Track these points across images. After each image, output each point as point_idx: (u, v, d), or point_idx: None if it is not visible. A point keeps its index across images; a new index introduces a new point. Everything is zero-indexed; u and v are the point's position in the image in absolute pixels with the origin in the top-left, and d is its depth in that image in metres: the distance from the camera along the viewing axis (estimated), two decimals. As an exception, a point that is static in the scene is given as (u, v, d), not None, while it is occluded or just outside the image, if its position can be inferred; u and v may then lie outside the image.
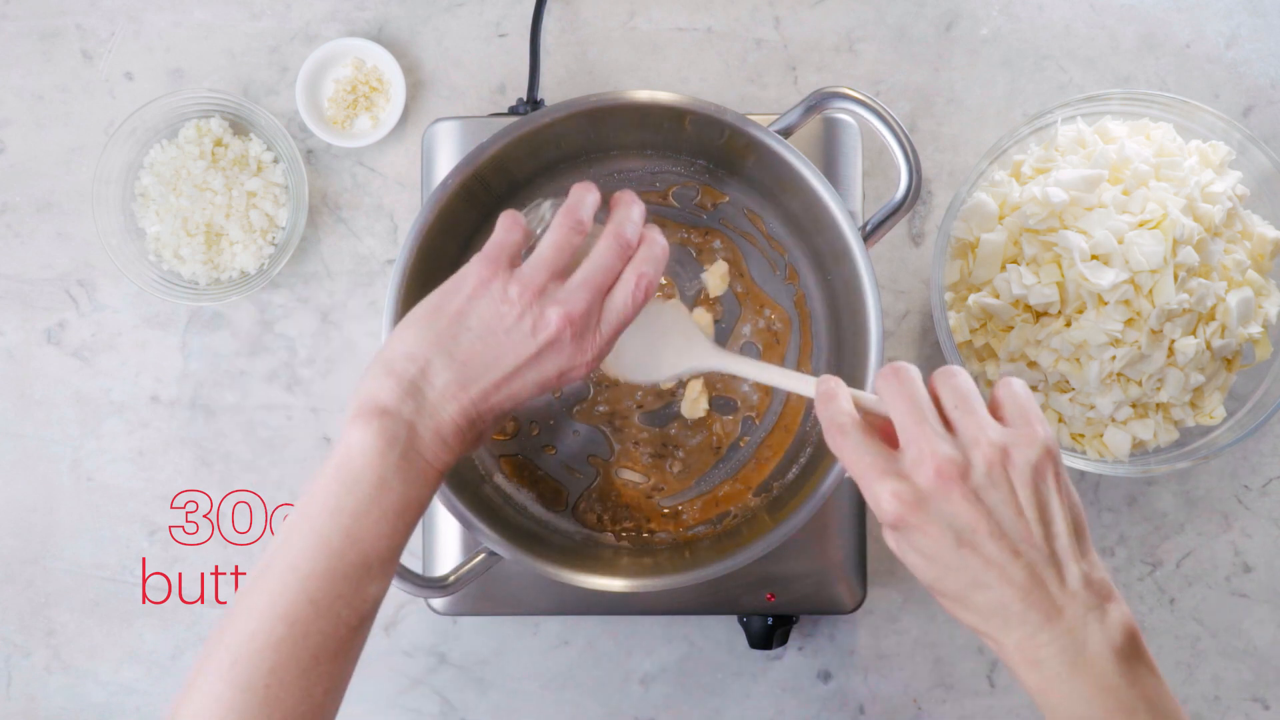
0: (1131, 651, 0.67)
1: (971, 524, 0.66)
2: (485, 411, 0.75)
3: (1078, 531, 0.68)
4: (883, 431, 0.69)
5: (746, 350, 0.93)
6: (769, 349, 0.93)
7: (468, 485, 0.88)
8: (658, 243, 0.78)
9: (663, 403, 0.93)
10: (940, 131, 1.03)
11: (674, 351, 0.84)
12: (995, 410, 0.69)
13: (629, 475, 0.93)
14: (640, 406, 0.93)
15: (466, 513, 0.84)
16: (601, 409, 0.93)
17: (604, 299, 0.76)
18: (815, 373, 0.93)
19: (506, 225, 0.77)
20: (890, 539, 0.69)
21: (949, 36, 1.03)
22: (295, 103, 1.02)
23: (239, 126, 1.02)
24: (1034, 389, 0.95)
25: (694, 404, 0.93)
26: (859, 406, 0.70)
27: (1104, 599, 0.67)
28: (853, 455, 0.68)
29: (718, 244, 0.93)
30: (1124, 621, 0.67)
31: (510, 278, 0.75)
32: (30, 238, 1.03)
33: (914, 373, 0.69)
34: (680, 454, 0.93)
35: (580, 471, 0.93)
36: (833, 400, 0.70)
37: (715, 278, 0.93)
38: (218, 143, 1.01)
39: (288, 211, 1.01)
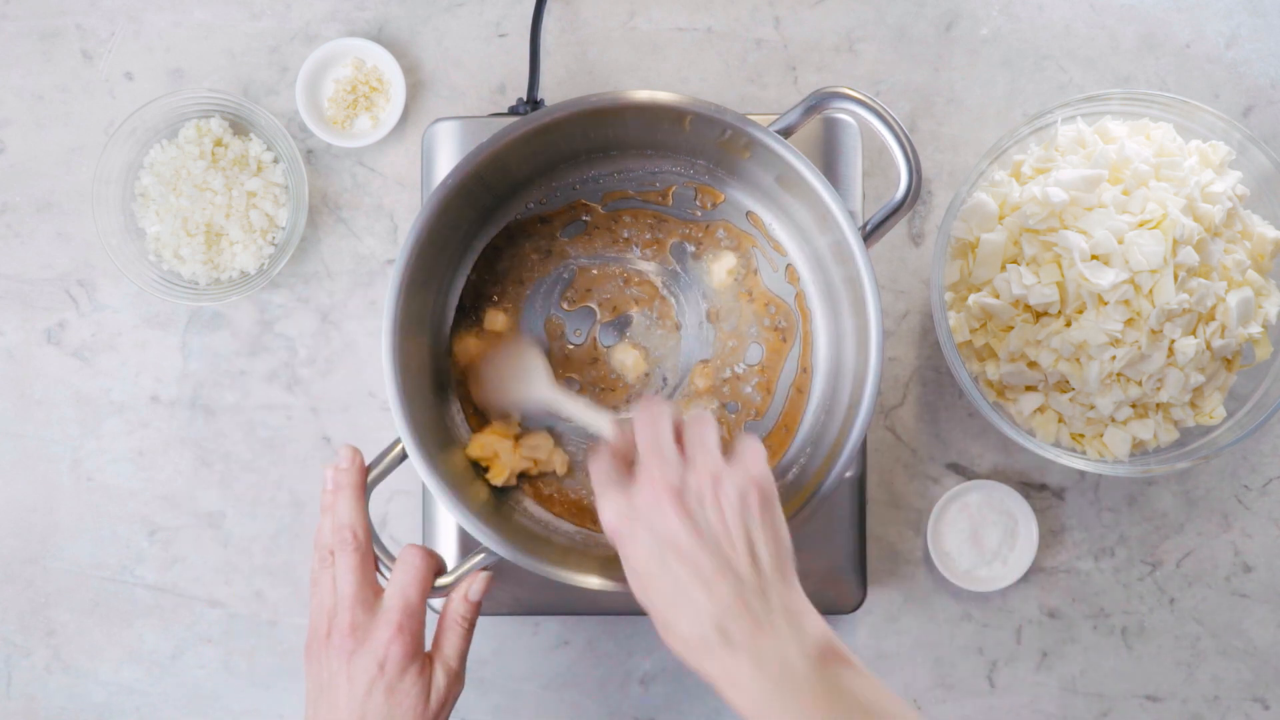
0: (832, 657, 0.71)
1: (677, 534, 0.72)
2: None
3: (782, 563, 0.73)
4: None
5: (750, 349, 0.93)
6: (774, 350, 0.93)
7: (467, 486, 0.88)
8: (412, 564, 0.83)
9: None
10: (940, 131, 1.03)
11: (518, 385, 0.88)
12: (727, 453, 0.76)
13: None
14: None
15: (466, 513, 0.84)
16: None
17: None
18: (815, 372, 0.92)
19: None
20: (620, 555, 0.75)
21: (949, 36, 1.03)
22: (295, 103, 1.02)
23: (239, 126, 1.02)
24: (1034, 389, 0.96)
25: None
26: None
27: (801, 615, 0.72)
28: (596, 473, 0.76)
29: (721, 233, 0.93)
30: (820, 631, 0.72)
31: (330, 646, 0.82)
32: (30, 238, 1.03)
33: (663, 408, 0.76)
34: None
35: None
36: (603, 435, 0.80)
37: (721, 271, 0.93)
38: (218, 143, 1.01)
39: (288, 211, 1.01)
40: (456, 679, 0.84)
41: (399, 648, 0.80)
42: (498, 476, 0.89)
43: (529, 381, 0.87)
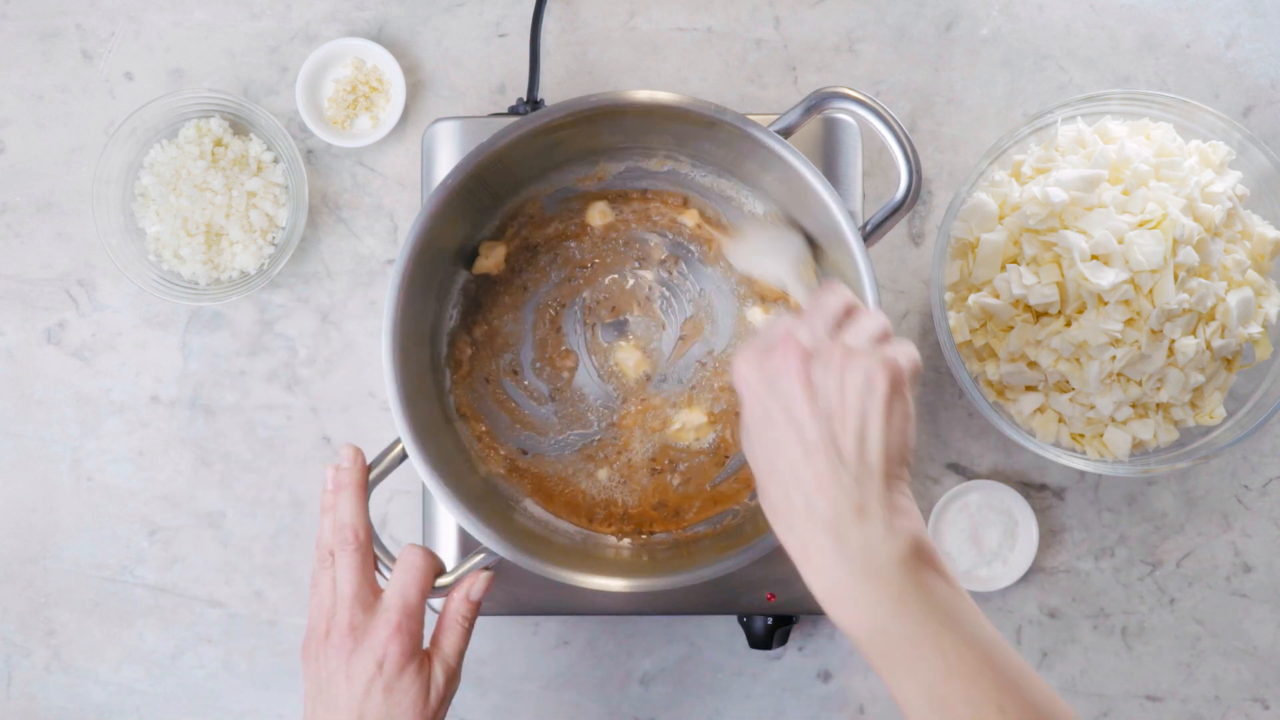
0: (917, 556, 0.69)
1: (794, 396, 0.70)
2: None
3: (890, 456, 0.70)
4: None
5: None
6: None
7: (468, 485, 0.88)
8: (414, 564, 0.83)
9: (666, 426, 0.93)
10: (940, 131, 1.03)
11: (770, 259, 0.89)
12: (885, 336, 0.74)
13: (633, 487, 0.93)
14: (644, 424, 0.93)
15: (466, 513, 0.84)
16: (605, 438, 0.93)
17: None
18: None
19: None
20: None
21: (949, 36, 1.03)
22: (295, 103, 1.02)
23: (239, 126, 1.02)
24: (1034, 389, 0.96)
25: (689, 433, 0.93)
26: None
27: (895, 511, 0.69)
28: (766, 329, 0.76)
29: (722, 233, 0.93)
30: (912, 529, 0.69)
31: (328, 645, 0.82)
32: (30, 238, 1.03)
33: (841, 289, 0.75)
34: (682, 467, 0.93)
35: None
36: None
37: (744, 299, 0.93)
38: (218, 143, 1.01)
39: (288, 211, 1.01)
40: (454, 677, 0.84)
41: (397, 647, 0.80)
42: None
43: (781, 258, 0.89)
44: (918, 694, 0.67)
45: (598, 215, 0.93)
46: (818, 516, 0.69)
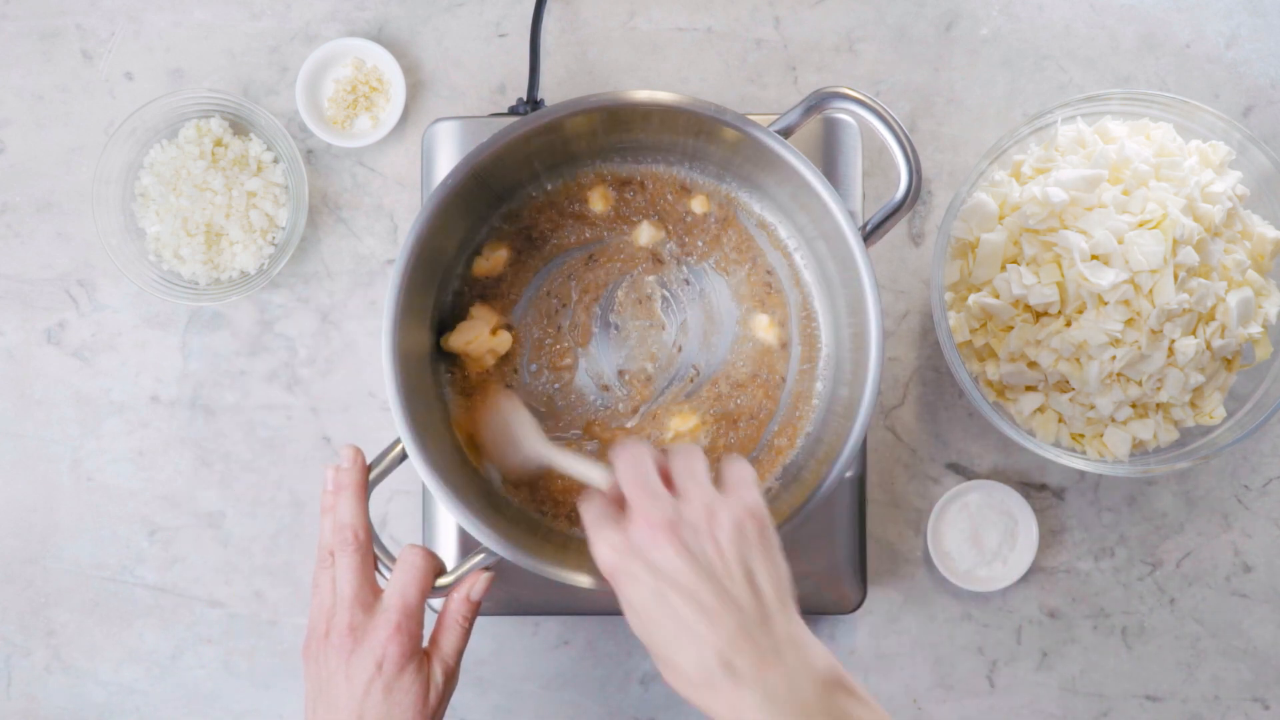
0: (837, 686, 0.70)
1: (676, 568, 0.71)
2: None
3: (782, 592, 0.72)
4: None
5: (750, 348, 0.93)
6: (774, 351, 0.93)
7: (468, 485, 0.88)
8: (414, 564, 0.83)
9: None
10: (940, 131, 1.03)
11: (512, 446, 0.87)
12: (717, 481, 0.74)
13: None
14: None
15: (466, 513, 0.84)
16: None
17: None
18: (816, 372, 0.92)
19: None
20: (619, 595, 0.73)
21: (949, 36, 1.03)
22: (295, 103, 1.02)
23: (239, 126, 1.02)
24: (1034, 389, 0.96)
25: (685, 435, 0.93)
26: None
27: (805, 646, 0.71)
28: (587, 515, 0.75)
29: (722, 234, 0.93)
30: (825, 661, 0.71)
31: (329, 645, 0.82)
32: (30, 238, 1.03)
33: (643, 446, 0.75)
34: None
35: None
36: (595, 484, 0.79)
37: (734, 282, 0.93)
38: (218, 143, 1.01)
39: (288, 211, 1.01)
40: (453, 676, 0.84)
41: (396, 647, 0.80)
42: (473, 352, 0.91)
43: (521, 440, 0.86)
44: None
45: (599, 200, 0.92)
46: (740, 675, 0.69)
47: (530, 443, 0.86)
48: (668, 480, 0.75)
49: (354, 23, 1.03)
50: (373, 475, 0.85)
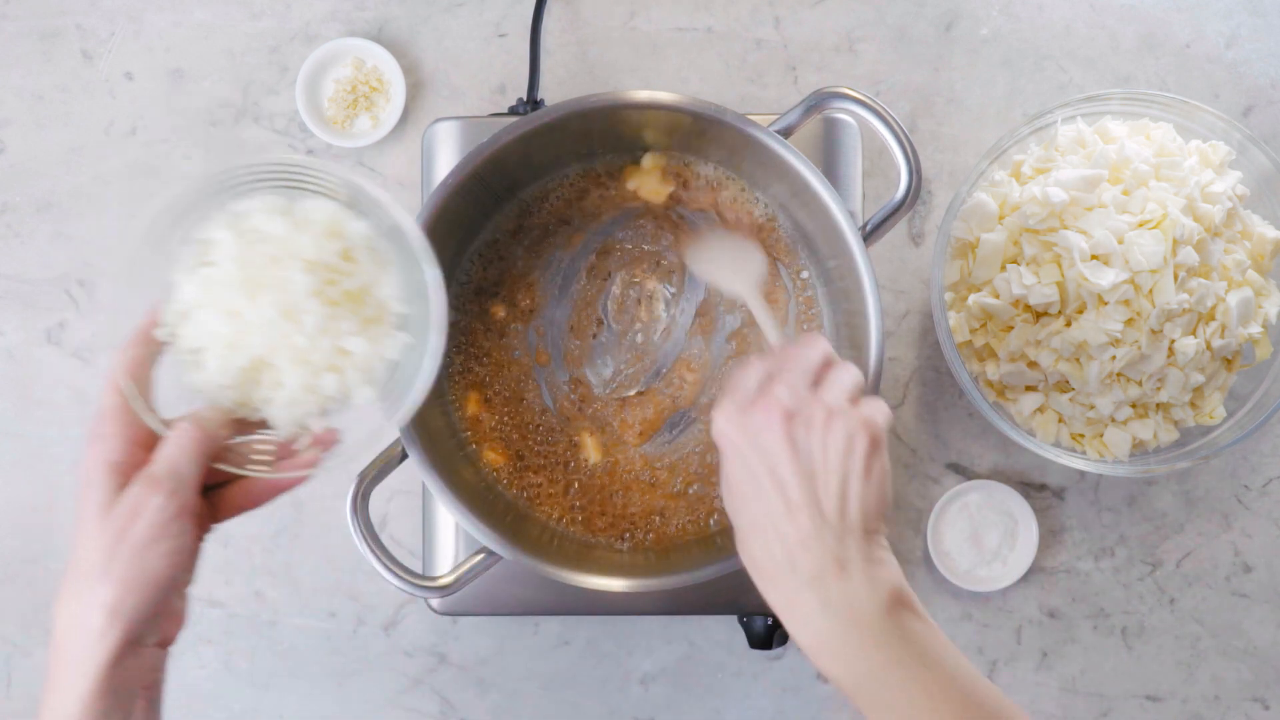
0: (899, 604, 0.71)
1: (776, 455, 0.72)
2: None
3: (869, 514, 0.72)
4: None
5: (749, 348, 0.93)
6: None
7: (468, 485, 0.88)
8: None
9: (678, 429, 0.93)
10: (940, 131, 1.03)
11: (732, 273, 0.88)
12: (860, 391, 0.75)
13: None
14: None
15: (466, 513, 0.84)
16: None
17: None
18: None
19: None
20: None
21: (949, 36, 1.04)
22: (295, 103, 1.02)
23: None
24: (1034, 389, 0.96)
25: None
26: None
27: (876, 563, 0.71)
28: (736, 378, 0.75)
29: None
30: (891, 578, 0.71)
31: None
32: (30, 238, 1.03)
33: (823, 344, 0.76)
34: (681, 469, 0.93)
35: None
36: (766, 334, 0.80)
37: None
38: (345, 255, 0.76)
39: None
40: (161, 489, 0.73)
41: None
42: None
43: (742, 270, 0.88)
44: None
45: (600, 199, 0.92)
46: (801, 573, 0.71)
47: (747, 277, 0.87)
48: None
49: (354, 23, 1.03)
50: (373, 475, 0.85)
